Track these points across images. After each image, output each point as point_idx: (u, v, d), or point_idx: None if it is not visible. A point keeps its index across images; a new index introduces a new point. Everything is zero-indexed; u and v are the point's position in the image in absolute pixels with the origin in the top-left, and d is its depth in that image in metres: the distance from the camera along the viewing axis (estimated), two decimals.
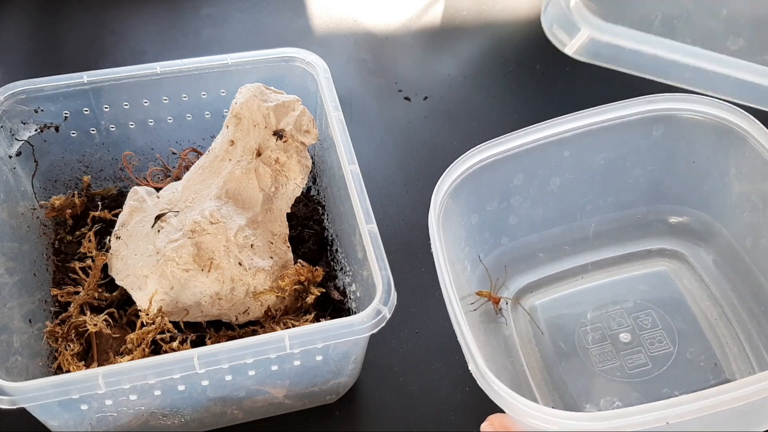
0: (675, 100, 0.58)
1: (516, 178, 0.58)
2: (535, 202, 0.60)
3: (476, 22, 0.86)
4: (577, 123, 0.57)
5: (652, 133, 0.59)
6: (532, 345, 0.59)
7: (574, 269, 0.62)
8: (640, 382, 0.56)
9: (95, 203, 0.60)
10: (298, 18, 0.84)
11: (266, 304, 0.52)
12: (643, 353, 0.57)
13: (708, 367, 0.56)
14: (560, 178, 0.60)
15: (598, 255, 0.63)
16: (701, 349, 0.57)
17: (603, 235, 0.63)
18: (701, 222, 0.62)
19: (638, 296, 0.60)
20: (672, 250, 0.63)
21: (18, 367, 0.47)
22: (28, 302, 0.52)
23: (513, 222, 0.60)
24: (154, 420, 0.48)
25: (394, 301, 0.45)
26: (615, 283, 0.62)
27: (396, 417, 0.55)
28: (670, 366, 0.56)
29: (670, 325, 0.58)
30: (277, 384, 0.49)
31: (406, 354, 0.59)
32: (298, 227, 0.60)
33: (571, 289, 0.62)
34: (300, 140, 0.55)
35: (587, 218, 0.63)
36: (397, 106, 0.76)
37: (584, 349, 0.58)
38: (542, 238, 0.62)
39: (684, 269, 0.62)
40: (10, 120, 0.55)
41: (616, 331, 0.58)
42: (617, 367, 0.57)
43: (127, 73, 0.56)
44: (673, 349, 0.57)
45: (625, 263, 0.63)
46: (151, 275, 0.50)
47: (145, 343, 0.49)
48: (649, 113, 0.58)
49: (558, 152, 0.58)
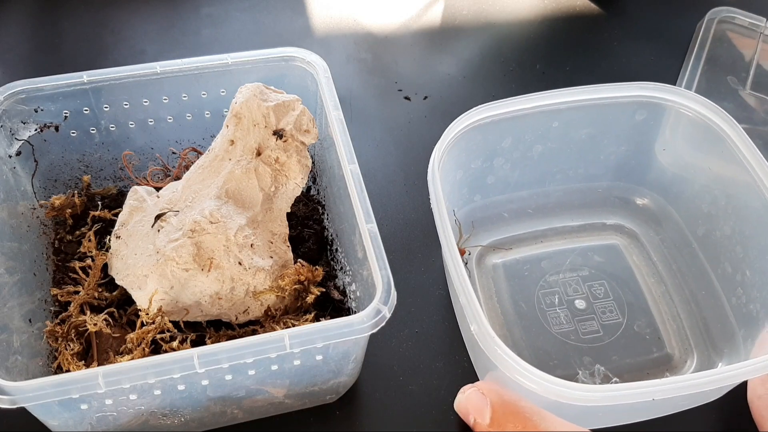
0: (664, 91, 0.60)
1: (505, 140, 0.61)
2: (515, 166, 0.63)
3: (476, 22, 0.86)
4: (571, 98, 0.59)
5: (634, 117, 0.62)
6: (493, 302, 0.61)
7: (535, 233, 0.66)
8: (593, 347, 0.59)
9: (95, 203, 0.60)
10: (298, 18, 0.84)
11: (266, 304, 0.52)
12: (595, 321, 0.61)
13: (652, 340, 0.60)
14: (543, 146, 0.62)
15: (558, 222, 0.67)
16: (647, 322, 0.61)
17: (565, 204, 0.67)
18: (659, 206, 0.66)
19: (593, 266, 0.64)
20: (627, 228, 0.67)
21: (18, 366, 0.47)
22: (28, 302, 0.52)
23: (490, 181, 0.63)
24: (154, 420, 0.48)
25: (394, 300, 0.45)
26: (573, 251, 0.65)
27: (396, 417, 0.55)
28: (619, 336, 0.60)
29: (620, 297, 0.62)
30: (277, 384, 0.49)
31: (406, 354, 0.59)
32: (298, 227, 0.60)
33: (532, 252, 0.65)
34: (300, 140, 0.55)
35: (554, 186, 0.66)
36: (397, 106, 0.76)
37: (542, 311, 0.61)
38: (510, 199, 0.65)
39: (635, 246, 0.66)
40: (10, 120, 0.55)
41: (572, 297, 0.62)
42: (572, 331, 0.60)
43: (127, 73, 0.56)
44: (622, 320, 0.61)
45: (582, 233, 0.66)
46: (151, 275, 0.50)
47: (145, 342, 0.49)
48: (637, 98, 0.60)
49: (548, 122, 0.61)
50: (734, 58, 0.81)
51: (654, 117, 0.61)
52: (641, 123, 0.62)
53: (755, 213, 0.55)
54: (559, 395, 0.43)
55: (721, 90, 0.78)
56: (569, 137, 0.62)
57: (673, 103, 0.60)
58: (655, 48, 0.84)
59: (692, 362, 0.59)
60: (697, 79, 0.77)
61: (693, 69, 0.78)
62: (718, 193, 0.59)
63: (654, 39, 0.85)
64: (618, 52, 0.84)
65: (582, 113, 0.60)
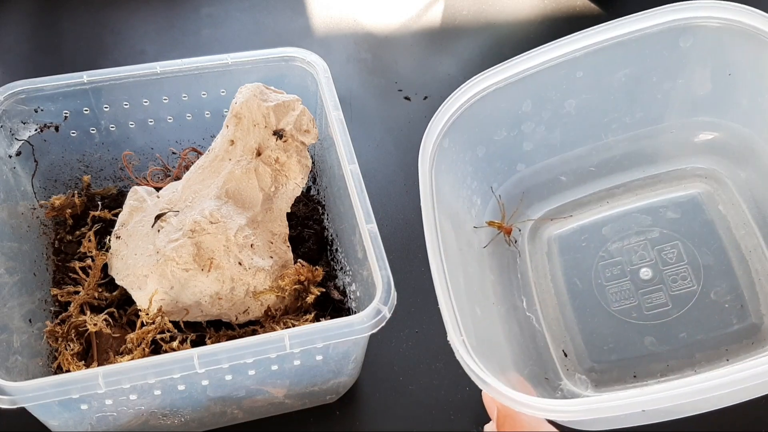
0: (701, 8, 0.52)
1: (524, 104, 0.54)
2: (551, 126, 0.56)
3: (476, 22, 0.86)
4: (588, 41, 0.52)
5: (678, 45, 0.54)
6: (547, 281, 0.56)
7: (599, 193, 0.58)
8: (657, 325, 0.52)
9: (95, 203, 0.60)
10: (298, 18, 0.84)
11: (266, 304, 0.52)
12: (663, 292, 0.53)
13: (733, 309, 0.51)
14: (575, 99, 0.55)
15: (627, 176, 0.58)
16: (728, 287, 0.52)
17: (632, 154, 0.58)
18: (741, 138, 0.55)
19: (666, 225, 0.56)
20: (708, 169, 0.57)
21: (18, 366, 0.47)
22: (28, 302, 0.52)
23: (528, 148, 0.56)
24: (154, 420, 0.48)
25: (394, 300, 0.45)
26: (642, 209, 0.57)
27: (396, 417, 0.55)
28: (691, 307, 0.52)
29: (696, 260, 0.54)
30: (277, 384, 0.49)
31: (406, 354, 0.59)
32: (298, 227, 0.60)
33: (594, 217, 0.57)
34: (300, 140, 0.55)
35: (614, 136, 0.57)
36: (397, 106, 0.76)
37: (600, 287, 0.54)
38: (564, 160, 0.58)
39: (720, 191, 0.56)
40: (10, 120, 0.55)
41: (637, 266, 0.54)
42: (634, 307, 0.53)
43: (127, 73, 0.56)
44: (696, 288, 0.53)
45: (657, 185, 0.58)
46: (151, 275, 0.50)
47: (145, 342, 0.49)
48: (673, 23, 0.52)
49: (569, 74, 0.53)
50: None
51: (702, 40, 0.53)
52: (690, 49, 0.53)
53: None
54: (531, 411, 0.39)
55: None
56: (605, 84, 0.55)
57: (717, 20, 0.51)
58: None
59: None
60: None
61: None
62: None
63: None
64: None
65: (608, 55, 0.53)
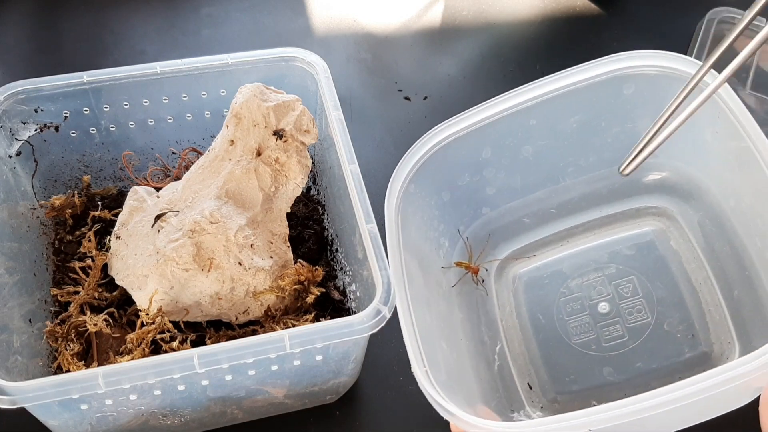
0: (639, 57, 0.56)
1: (484, 151, 0.58)
2: (511, 171, 0.60)
3: (476, 22, 0.86)
4: (538, 91, 0.56)
5: (622, 92, 0.58)
6: (512, 317, 0.59)
7: (560, 233, 0.62)
8: (615, 356, 0.56)
9: (95, 203, 0.60)
10: (298, 18, 0.84)
11: (266, 304, 0.52)
12: (620, 324, 0.57)
13: (685, 339, 0.55)
14: (532, 146, 0.59)
15: (585, 217, 0.62)
16: (680, 318, 0.56)
17: (589, 195, 0.62)
18: (687, 177, 0.60)
19: (621, 262, 0.60)
20: (660, 207, 0.61)
21: (18, 366, 0.47)
22: (28, 302, 0.52)
23: (491, 192, 0.60)
24: (154, 420, 0.48)
25: (394, 300, 0.45)
26: (600, 247, 0.61)
27: (396, 417, 0.55)
28: (646, 338, 0.56)
29: (650, 293, 0.58)
30: (277, 384, 0.49)
31: (406, 354, 0.58)
32: (298, 227, 0.60)
33: (555, 256, 0.61)
34: (300, 140, 0.55)
35: (571, 179, 0.62)
36: (397, 106, 0.76)
37: (562, 321, 0.58)
38: (526, 203, 0.62)
39: (672, 228, 0.60)
40: (10, 120, 0.55)
41: (595, 300, 0.58)
42: (593, 339, 0.57)
43: (127, 73, 0.56)
44: (651, 320, 0.57)
45: (613, 224, 0.62)
46: (151, 275, 0.50)
47: (145, 342, 0.49)
48: (615, 72, 0.57)
49: (524, 121, 0.57)
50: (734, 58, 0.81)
51: (644, 87, 0.57)
52: (634, 96, 0.57)
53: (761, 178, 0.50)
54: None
55: None
56: (558, 130, 0.59)
57: (655, 68, 0.56)
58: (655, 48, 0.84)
59: (734, 358, 0.53)
60: None
61: None
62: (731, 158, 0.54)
63: (654, 39, 0.85)
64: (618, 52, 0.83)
65: (558, 103, 0.57)
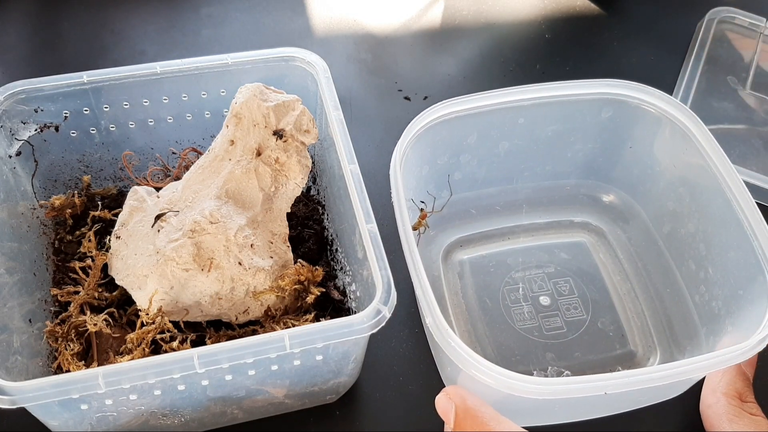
0: (630, 88, 0.60)
1: (471, 137, 0.61)
2: (481, 162, 0.63)
3: (476, 22, 0.86)
4: (536, 94, 0.59)
5: (600, 114, 0.62)
6: (458, 297, 0.62)
7: (503, 230, 0.67)
8: (556, 343, 0.60)
9: (95, 203, 0.60)
10: (298, 18, 0.84)
11: (266, 304, 0.52)
12: (560, 317, 0.61)
13: (616, 337, 0.61)
14: (509, 142, 0.62)
15: (527, 219, 0.67)
16: (611, 319, 0.62)
17: (533, 201, 0.67)
18: (626, 204, 0.67)
19: (559, 263, 0.65)
20: (594, 225, 0.67)
21: (18, 366, 0.47)
22: (28, 302, 0.52)
23: (457, 178, 0.63)
24: (154, 420, 0.48)
25: (394, 300, 0.45)
26: (540, 248, 0.66)
27: (396, 417, 0.55)
28: (582, 332, 0.61)
29: (585, 294, 0.63)
30: (277, 384, 0.49)
31: (406, 354, 0.59)
32: (298, 227, 0.60)
33: (499, 249, 0.65)
34: (300, 140, 0.55)
35: (522, 183, 0.66)
36: (397, 106, 0.76)
37: (507, 307, 0.62)
38: (478, 196, 0.66)
39: (601, 244, 0.66)
40: (10, 120, 0.55)
41: (537, 293, 0.62)
42: (536, 327, 0.61)
43: (127, 73, 0.56)
44: (586, 317, 0.61)
45: (549, 230, 0.67)
46: (151, 275, 0.50)
47: (145, 342, 0.49)
48: (603, 95, 0.60)
49: (514, 118, 0.60)
50: (734, 58, 0.81)
51: (620, 114, 0.61)
52: (608, 120, 0.62)
53: (718, 211, 0.55)
54: (510, 387, 0.43)
55: (721, 90, 0.78)
56: (535, 134, 0.62)
57: (639, 101, 0.60)
58: (655, 48, 0.84)
59: (655, 359, 0.59)
60: (697, 79, 0.77)
61: (693, 69, 0.78)
62: (683, 191, 0.60)
63: (654, 39, 0.85)
64: (618, 52, 0.84)
65: (547, 110, 0.60)
